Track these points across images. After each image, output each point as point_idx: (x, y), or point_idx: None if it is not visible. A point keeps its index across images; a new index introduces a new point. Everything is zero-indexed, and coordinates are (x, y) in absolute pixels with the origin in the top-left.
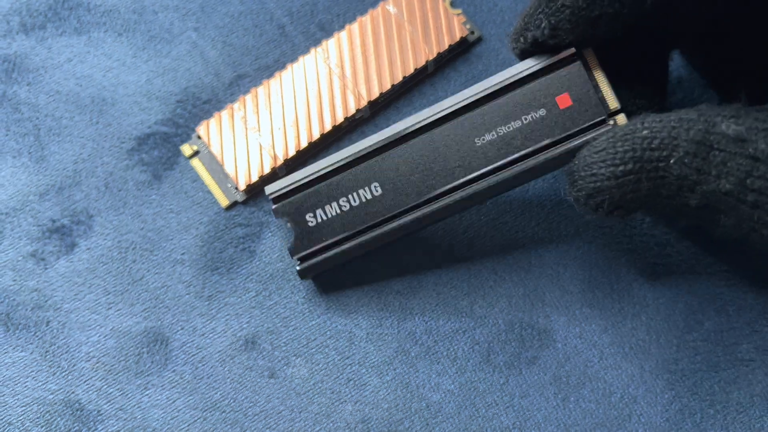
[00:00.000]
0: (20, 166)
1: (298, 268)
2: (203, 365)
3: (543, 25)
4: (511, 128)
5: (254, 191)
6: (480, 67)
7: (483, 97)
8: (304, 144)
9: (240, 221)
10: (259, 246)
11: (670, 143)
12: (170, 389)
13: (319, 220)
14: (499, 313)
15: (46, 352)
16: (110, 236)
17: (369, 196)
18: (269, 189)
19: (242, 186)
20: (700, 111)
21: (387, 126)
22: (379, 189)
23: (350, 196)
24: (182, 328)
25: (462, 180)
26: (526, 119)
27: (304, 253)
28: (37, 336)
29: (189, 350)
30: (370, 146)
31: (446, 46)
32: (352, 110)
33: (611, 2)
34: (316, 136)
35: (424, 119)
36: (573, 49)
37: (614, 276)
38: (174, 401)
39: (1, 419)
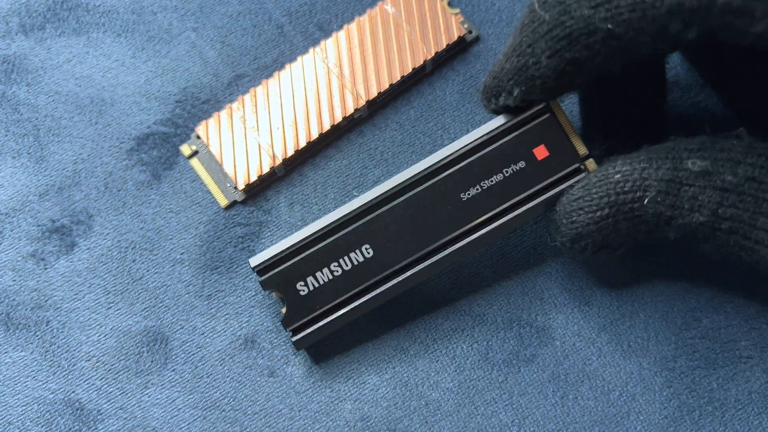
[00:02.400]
0: (20, 166)
1: (293, 339)
2: (203, 364)
3: (515, 93)
4: (494, 181)
5: (253, 191)
6: (478, 67)
7: (463, 153)
8: (302, 143)
9: (239, 221)
10: (258, 245)
11: (641, 184)
12: (170, 388)
13: (311, 287)
14: (497, 312)
15: (46, 351)
16: (110, 236)
17: (361, 259)
18: (254, 261)
19: (241, 186)
20: (668, 148)
21: (385, 125)
22: (370, 251)
23: (342, 261)
24: (182, 328)
25: (452, 235)
26: (507, 172)
27: (298, 324)
28: (37, 336)
29: (189, 349)
30: (357, 208)
31: (444, 46)
32: (350, 110)
33: (579, 74)
34: (314, 135)
35: (409, 178)
36: (543, 104)
37: (612, 274)
38: (174, 400)
39: (2, 419)
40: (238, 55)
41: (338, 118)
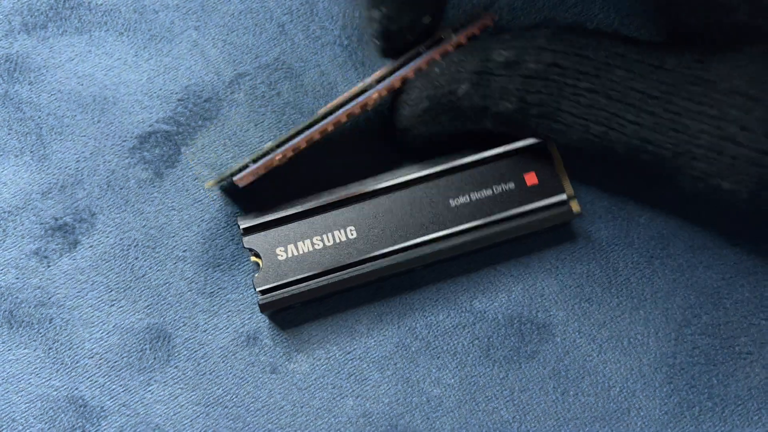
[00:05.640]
0: (22, 164)
1: (259, 300)
2: (205, 361)
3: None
4: (483, 195)
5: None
6: None
7: (461, 165)
8: (304, 143)
9: None
10: None
11: (456, 77)
12: (173, 385)
13: (290, 254)
14: (498, 308)
15: (50, 349)
16: (112, 234)
17: (343, 238)
18: (242, 222)
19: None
20: (481, 42)
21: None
22: (354, 232)
23: (324, 236)
24: (184, 325)
25: (433, 235)
26: (497, 189)
27: (268, 286)
28: (40, 333)
29: (191, 346)
30: (352, 193)
31: None
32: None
33: None
34: (316, 135)
35: (407, 176)
36: (541, 141)
37: (612, 270)
38: (176, 397)
39: (5, 416)
40: (239, 54)
41: (342, 117)
